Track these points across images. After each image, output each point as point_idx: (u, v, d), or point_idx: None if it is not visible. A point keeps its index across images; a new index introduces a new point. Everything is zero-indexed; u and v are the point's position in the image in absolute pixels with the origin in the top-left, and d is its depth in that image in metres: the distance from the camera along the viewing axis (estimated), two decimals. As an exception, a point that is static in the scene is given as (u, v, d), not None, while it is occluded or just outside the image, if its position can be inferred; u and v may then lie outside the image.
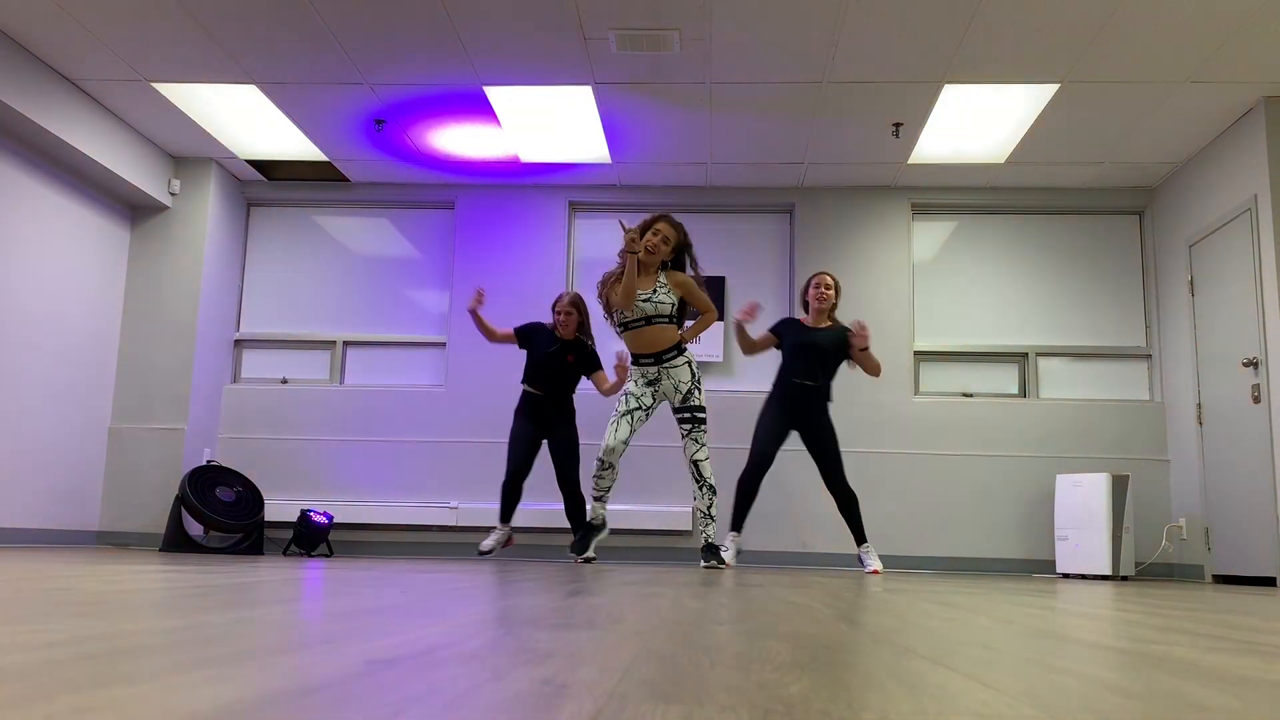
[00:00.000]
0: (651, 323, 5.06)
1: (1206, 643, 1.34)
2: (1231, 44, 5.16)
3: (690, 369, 5.14)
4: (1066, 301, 7.12)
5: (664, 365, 5.12)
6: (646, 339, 5.09)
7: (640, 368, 5.16)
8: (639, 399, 5.13)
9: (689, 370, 5.14)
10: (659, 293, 5.08)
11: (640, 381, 5.15)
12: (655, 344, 5.09)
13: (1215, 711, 0.72)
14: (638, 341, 5.12)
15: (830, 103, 5.95)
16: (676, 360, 5.13)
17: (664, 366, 5.12)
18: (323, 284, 7.46)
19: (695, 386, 5.13)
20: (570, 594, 2.11)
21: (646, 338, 5.09)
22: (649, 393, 5.15)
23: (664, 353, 5.11)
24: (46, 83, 5.75)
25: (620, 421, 5.07)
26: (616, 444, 5.06)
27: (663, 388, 5.15)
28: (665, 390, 5.15)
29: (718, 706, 0.67)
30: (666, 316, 5.08)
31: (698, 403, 5.12)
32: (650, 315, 5.07)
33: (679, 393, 5.12)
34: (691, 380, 5.13)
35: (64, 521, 6.44)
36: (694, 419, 5.09)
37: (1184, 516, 6.55)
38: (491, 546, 5.66)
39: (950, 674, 0.89)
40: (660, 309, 5.06)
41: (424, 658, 0.89)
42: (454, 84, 5.89)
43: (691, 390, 5.12)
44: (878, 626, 1.46)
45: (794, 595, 2.40)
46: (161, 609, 1.39)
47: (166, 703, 0.61)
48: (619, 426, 5.06)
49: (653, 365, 5.13)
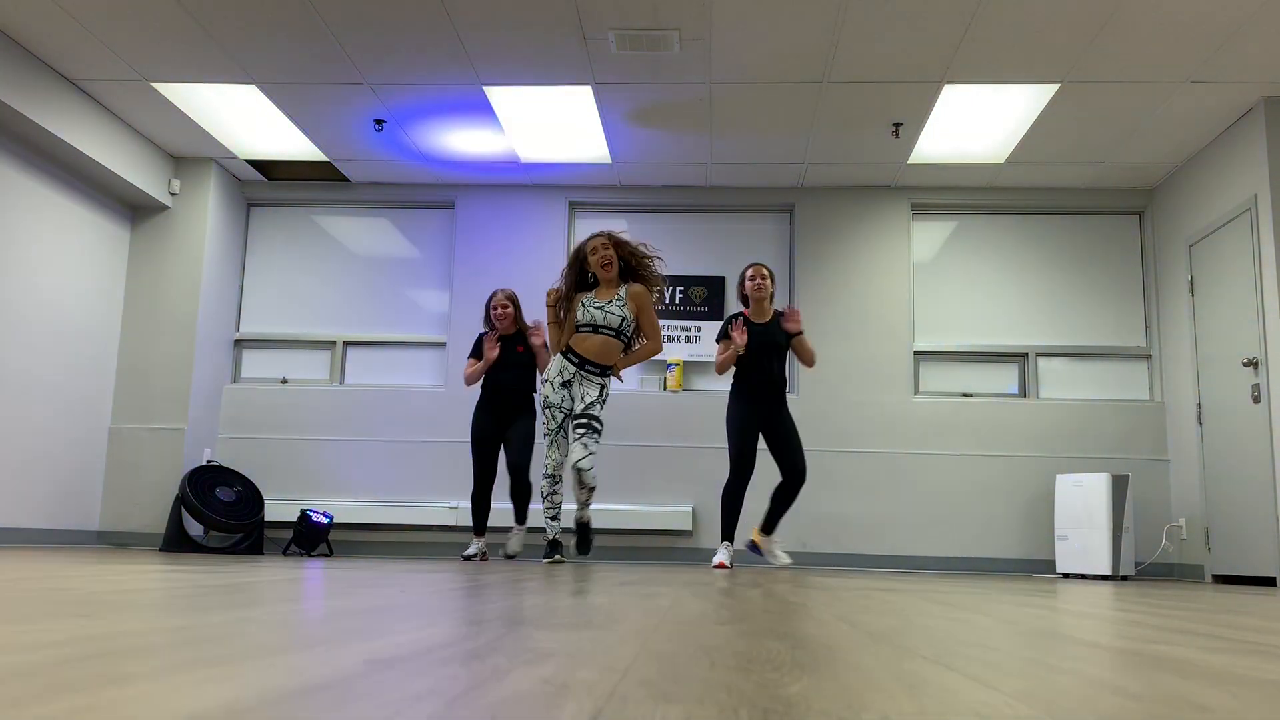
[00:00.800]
0: (598, 331, 5.14)
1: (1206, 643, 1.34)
2: (1231, 44, 5.16)
3: (602, 391, 5.18)
4: (1066, 301, 7.12)
5: (582, 373, 5.16)
6: (586, 345, 5.15)
7: (563, 361, 5.19)
8: (560, 408, 5.15)
9: (599, 390, 5.18)
10: (613, 304, 5.17)
11: (556, 382, 5.18)
12: (590, 352, 5.14)
13: (1215, 711, 0.72)
14: (578, 342, 5.18)
15: (830, 103, 5.95)
16: (594, 377, 5.17)
17: (581, 374, 5.16)
18: (323, 284, 7.46)
19: (599, 401, 5.17)
20: (570, 594, 2.11)
21: (587, 344, 5.15)
22: (565, 395, 5.17)
23: (590, 364, 5.15)
24: (46, 83, 5.75)
25: (557, 440, 5.13)
26: (559, 459, 5.13)
27: (572, 390, 5.19)
28: (574, 394, 5.18)
29: (718, 706, 0.67)
30: (614, 330, 5.16)
31: (598, 414, 5.15)
32: (598, 324, 5.15)
33: (583, 401, 5.14)
34: (598, 397, 5.16)
35: (64, 521, 6.44)
36: (589, 426, 5.10)
37: (1184, 516, 6.55)
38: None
39: (950, 674, 0.89)
40: (609, 320, 5.14)
41: (424, 658, 0.89)
42: (454, 84, 5.89)
43: (594, 404, 5.15)
44: (878, 626, 1.46)
45: (794, 595, 2.40)
46: (161, 609, 1.39)
47: (166, 703, 0.61)
48: (558, 444, 5.13)
49: (575, 366, 5.17)
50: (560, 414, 5.16)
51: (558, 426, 5.16)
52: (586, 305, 5.21)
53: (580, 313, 5.21)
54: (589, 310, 5.18)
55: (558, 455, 5.16)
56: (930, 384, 7.10)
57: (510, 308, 5.80)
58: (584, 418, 5.12)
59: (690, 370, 7.15)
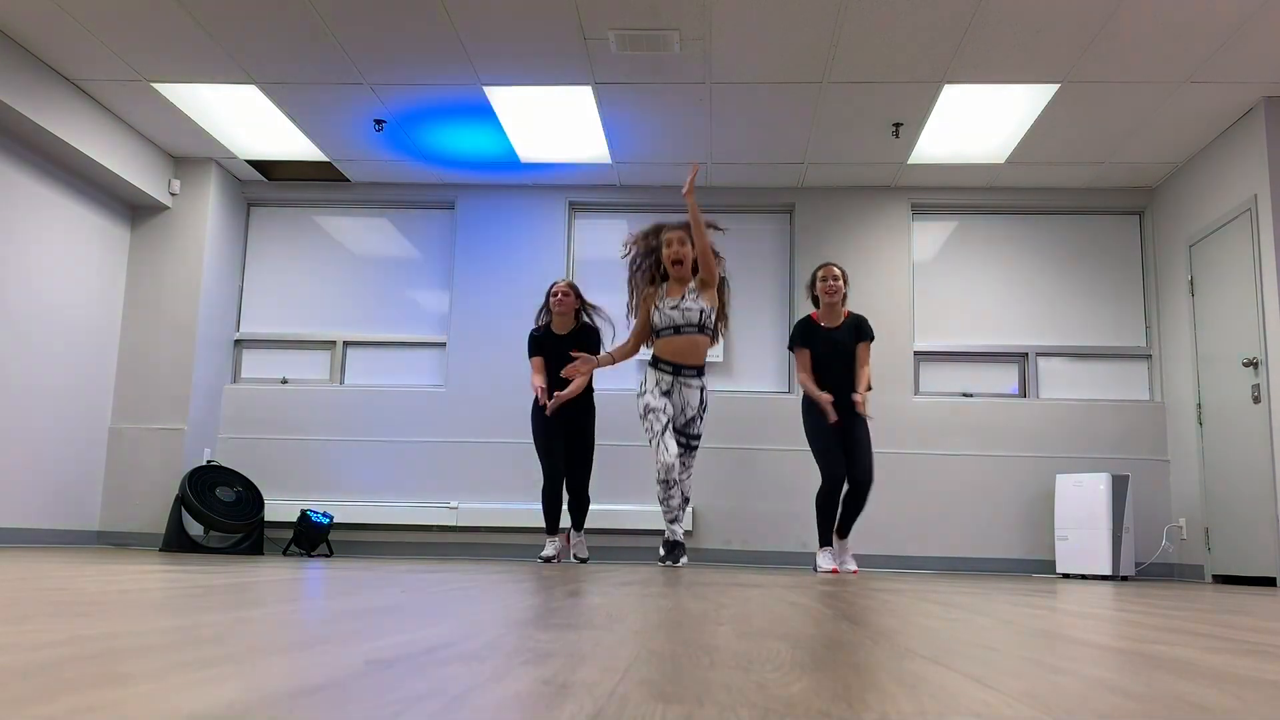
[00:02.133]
0: (680, 332, 5.00)
1: (1206, 643, 1.34)
2: (1231, 44, 5.16)
3: (701, 395, 5.07)
4: (1066, 301, 7.12)
5: (680, 379, 5.03)
6: (674, 347, 5.02)
7: (657, 372, 5.05)
8: (664, 411, 4.96)
9: (700, 396, 5.07)
10: (687, 299, 5.01)
11: (657, 392, 5.02)
12: (681, 354, 5.01)
13: (1215, 711, 0.72)
14: (665, 349, 5.05)
15: (830, 103, 5.95)
16: (693, 381, 5.05)
17: (679, 380, 5.03)
18: (323, 284, 7.46)
19: (700, 414, 5.08)
20: (570, 594, 2.11)
21: (674, 346, 5.02)
22: (667, 402, 5.01)
23: (685, 368, 5.03)
24: (46, 83, 5.75)
25: (664, 440, 4.87)
26: (672, 460, 4.84)
27: (671, 399, 5.04)
28: (673, 404, 5.04)
29: (718, 706, 0.67)
30: (696, 325, 5.00)
31: (697, 431, 5.08)
32: (679, 324, 5.00)
33: (684, 415, 5.04)
34: (699, 407, 5.06)
35: (64, 521, 6.44)
36: (689, 446, 5.07)
37: (1184, 516, 6.55)
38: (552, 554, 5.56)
39: (950, 674, 0.89)
40: (689, 316, 4.98)
41: (424, 658, 0.89)
42: (454, 84, 5.89)
43: (695, 418, 5.06)
44: (878, 626, 1.46)
45: (794, 595, 2.40)
46: (161, 609, 1.39)
47: (166, 703, 0.61)
48: (666, 443, 4.85)
49: (670, 375, 5.03)
50: (665, 416, 4.93)
51: (663, 426, 4.91)
52: (662, 308, 5.05)
53: (657, 317, 5.07)
54: (666, 313, 5.03)
55: (668, 456, 4.83)
56: (930, 384, 7.10)
57: (571, 296, 5.54)
58: (684, 435, 5.06)
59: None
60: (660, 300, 5.07)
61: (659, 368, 5.05)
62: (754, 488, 6.84)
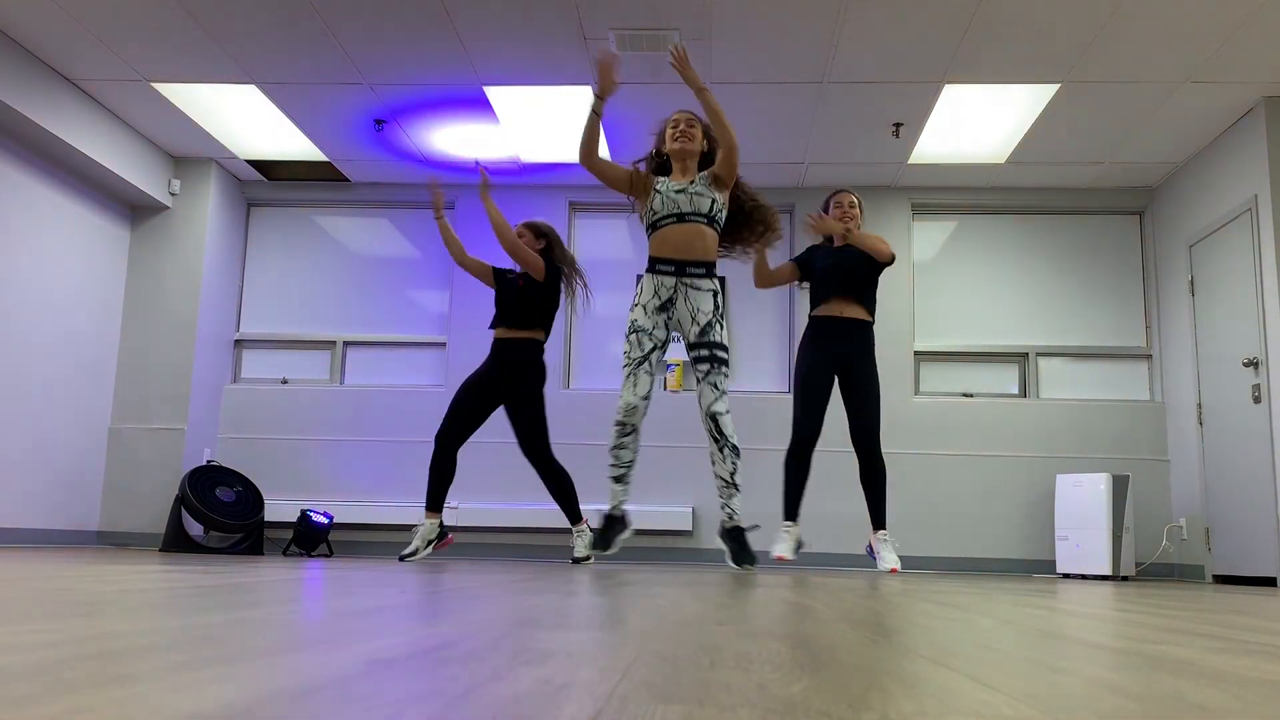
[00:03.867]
0: (685, 220, 4.13)
1: (1206, 643, 1.34)
2: (1231, 44, 5.16)
3: (715, 299, 4.17)
4: (1066, 301, 7.12)
5: (684, 281, 4.14)
6: (676, 239, 4.14)
7: (656, 277, 4.16)
8: (650, 335, 4.14)
9: (713, 299, 4.16)
10: (697, 184, 4.17)
11: (650, 305, 4.15)
12: (685, 247, 4.13)
13: (1215, 711, 0.72)
14: (664, 243, 4.17)
15: (830, 103, 5.95)
16: (702, 282, 4.15)
17: (684, 282, 4.14)
18: (323, 284, 7.47)
19: (717, 320, 4.14)
20: (570, 594, 2.11)
21: (676, 238, 4.14)
22: (660, 322, 4.17)
23: (691, 264, 4.13)
24: (46, 83, 5.75)
25: (636, 374, 4.10)
26: (638, 401, 4.08)
27: (676, 313, 4.17)
28: (679, 317, 4.17)
29: (718, 706, 0.67)
30: (705, 215, 4.14)
31: (718, 338, 4.11)
32: (684, 211, 4.13)
33: (696, 324, 4.13)
34: (714, 311, 4.15)
35: (64, 521, 6.44)
36: (714, 358, 4.09)
37: (1184, 516, 6.55)
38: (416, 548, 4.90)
39: (950, 674, 0.89)
40: (697, 204, 4.13)
41: (424, 658, 0.89)
42: (454, 84, 5.89)
43: (712, 323, 4.12)
44: (878, 626, 1.46)
45: (794, 595, 2.40)
46: (161, 609, 1.39)
47: (166, 703, 0.61)
48: (637, 379, 4.09)
49: (671, 275, 4.14)
50: (650, 342, 4.12)
51: (643, 355, 4.10)
52: (663, 191, 4.18)
53: (657, 200, 4.18)
54: (669, 196, 4.14)
55: (634, 395, 4.07)
56: (930, 384, 7.10)
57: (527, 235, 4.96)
58: (702, 347, 4.10)
59: (691, 370, 7.15)
60: (662, 183, 4.22)
61: (657, 271, 4.17)
62: (754, 488, 6.83)
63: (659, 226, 4.18)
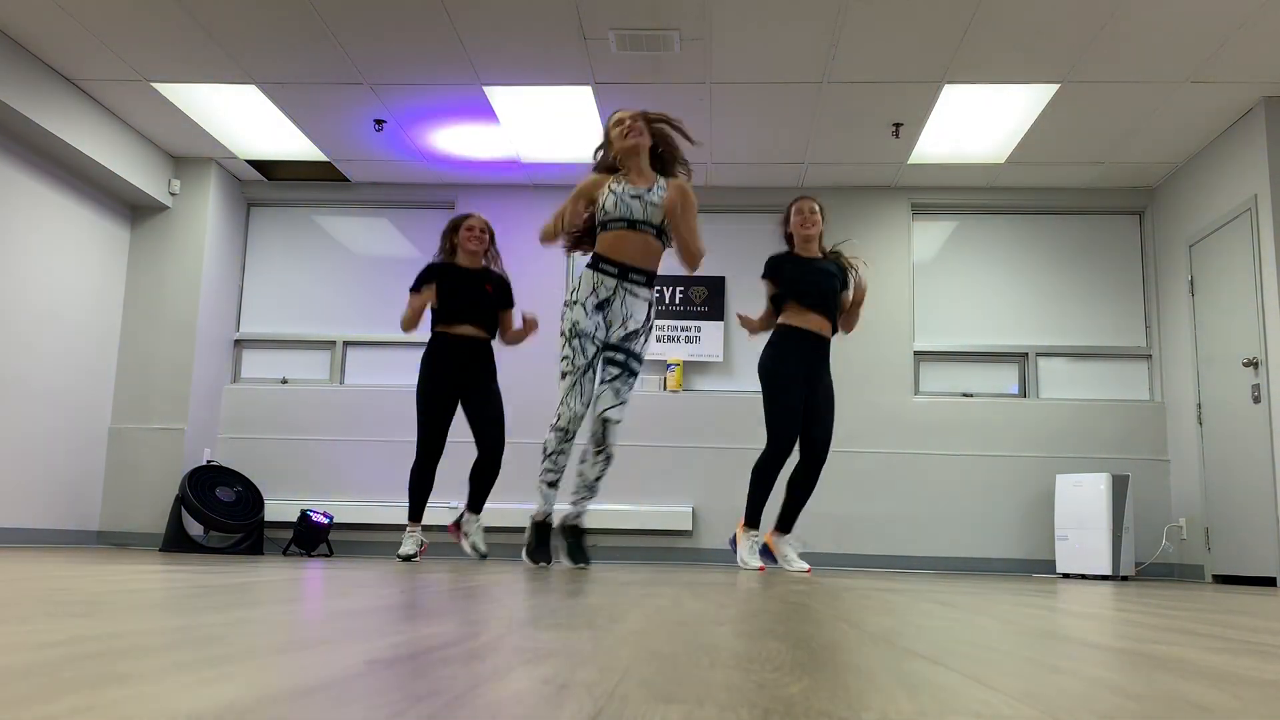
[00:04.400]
0: (636, 228, 4.08)
1: (1206, 643, 1.34)
2: (1231, 44, 5.16)
3: (650, 309, 4.17)
4: (1066, 301, 7.12)
5: (625, 285, 4.10)
6: (623, 245, 4.09)
7: (598, 275, 4.09)
8: (592, 339, 4.07)
9: (648, 309, 4.15)
10: (654, 192, 4.11)
11: (589, 304, 4.08)
12: (632, 254, 4.09)
13: (1215, 711, 0.72)
14: (612, 245, 4.10)
15: (830, 103, 5.95)
16: (641, 290, 4.12)
17: (624, 286, 4.10)
18: (323, 284, 7.47)
19: (645, 331, 4.14)
20: (570, 594, 2.11)
21: (624, 244, 4.09)
22: (599, 322, 4.10)
23: (634, 270, 4.10)
24: (46, 83, 5.76)
25: (581, 383, 4.05)
26: (580, 411, 4.03)
27: (611, 312, 4.11)
28: (611, 317, 4.11)
29: (718, 706, 0.67)
30: (655, 227, 4.11)
31: (639, 350, 4.11)
32: (636, 219, 4.06)
33: (624, 328, 4.09)
34: (645, 322, 4.14)
35: (64, 521, 6.44)
36: (628, 367, 4.08)
37: (1184, 516, 6.55)
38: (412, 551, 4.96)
39: (950, 674, 0.89)
40: (650, 214, 4.08)
41: (424, 658, 0.89)
42: (454, 84, 5.89)
43: (639, 333, 4.11)
44: (878, 626, 1.46)
45: (794, 595, 2.40)
46: (161, 609, 1.39)
47: (166, 703, 0.61)
48: (581, 388, 4.05)
49: (614, 278, 4.08)
50: (593, 346, 4.06)
51: (586, 363, 4.04)
52: (618, 192, 4.07)
53: (610, 201, 4.07)
54: (624, 200, 4.04)
55: (579, 404, 4.02)
56: (930, 384, 7.10)
57: (486, 235, 4.97)
58: (622, 352, 4.07)
59: (690, 370, 7.15)
60: (616, 183, 4.12)
61: (601, 269, 4.08)
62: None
63: (608, 227, 4.12)
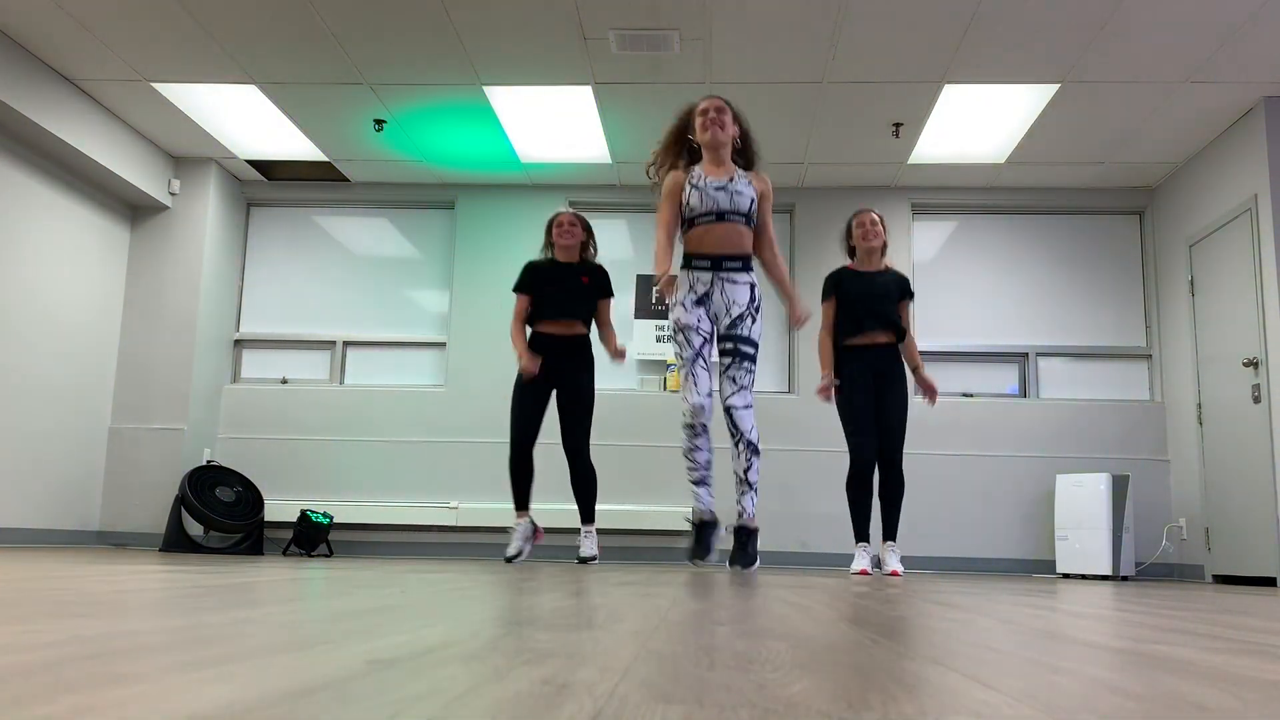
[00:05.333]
0: (724, 219, 4.05)
1: (1206, 643, 1.34)
2: (1231, 44, 5.16)
3: (753, 291, 4.11)
4: (1066, 301, 7.12)
5: (721, 275, 4.06)
6: (714, 237, 4.06)
7: (692, 272, 4.08)
8: (697, 330, 4.03)
9: (750, 292, 4.10)
10: (737, 181, 4.10)
11: (689, 301, 4.06)
12: (722, 244, 4.06)
13: (1215, 711, 0.72)
14: (701, 240, 4.08)
15: (830, 103, 5.95)
16: (739, 275, 4.09)
17: (720, 276, 4.06)
18: (323, 284, 7.47)
19: (750, 313, 4.07)
20: (570, 594, 2.11)
21: (714, 236, 4.06)
22: (702, 314, 4.06)
23: (727, 258, 4.06)
24: (46, 83, 5.76)
25: (694, 372, 3.99)
26: (703, 400, 3.96)
27: (713, 305, 4.08)
28: (715, 309, 4.09)
29: (718, 706, 0.67)
30: (744, 215, 4.08)
31: (747, 333, 4.03)
32: (724, 210, 4.03)
33: (729, 314, 4.05)
34: (749, 304, 4.08)
35: (64, 521, 6.44)
36: (738, 351, 4.01)
37: (1184, 516, 6.55)
38: (519, 549, 4.80)
39: (950, 674, 0.89)
40: (738, 202, 4.05)
41: (424, 658, 0.89)
42: (454, 84, 5.89)
43: (744, 315, 4.05)
44: (877, 626, 1.46)
45: (794, 595, 2.40)
46: (161, 609, 1.39)
47: (166, 703, 0.61)
48: (696, 378, 3.98)
49: (708, 270, 4.06)
50: (699, 336, 4.01)
51: (694, 352, 3.99)
52: (702, 186, 4.05)
53: (694, 196, 4.04)
54: (709, 193, 4.03)
55: (695, 395, 3.94)
56: (930, 384, 7.10)
57: (578, 227, 4.96)
58: (730, 340, 4.03)
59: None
60: (698, 178, 4.09)
61: (693, 267, 4.08)
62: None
63: (696, 223, 4.09)
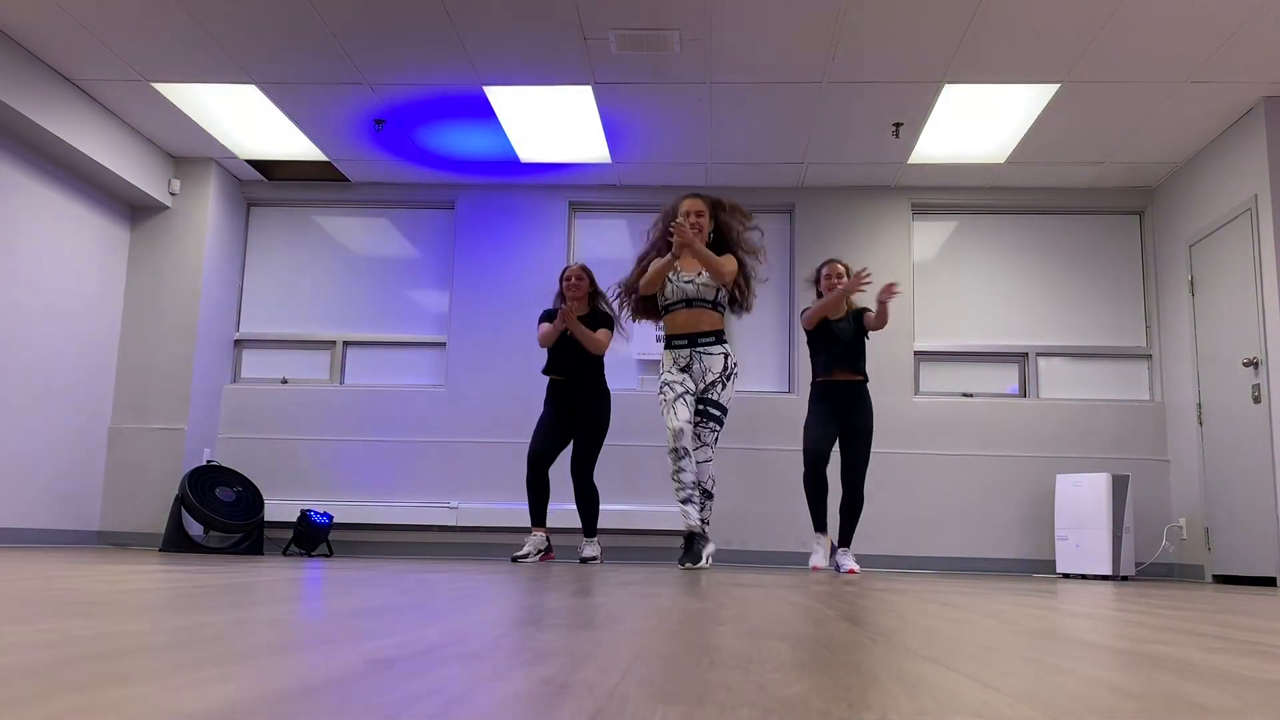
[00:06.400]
0: (692, 305, 4.78)
1: (1206, 643, 1.34)
2: (1231, 44, 5.16)
3: (726, 361, 4.77)
4: (1066, 301, 7.12)
5: (698, 350, 4.77)
6: (683, 320, 4.80)
7: (673, 351, 4.81)
8: (681, 384, 4.73)
9: (723, 361, 4.76)
10: (705, 274, 4.78)
11: (673, 368, 4.78)
12: (692, 324, 4.78)
13: (1215, 711, 0.72)
14: (676, 324, 4.83)
15: (830, 103, 5.95)
16: (713, 347, 4.77)
17: (697, 350, 4.77)
18: (323, 284, 7.47)
19: (724, 380, 4.74)
20: (570, 594, 2.11)
21: (683, 319, 4.80)
22: (685, 378, 4.76)
23: (700, 335, 4.78)
24: (46, 83, 5.75)
25: (676, 404, 4.66)
26: (681, 424, 4.60)
27: (693, 373, 4.77)
28: (694, 375, 4.77)
29: (718, 706, 0.67)
30: (709, 302, 4.79)
31: (717, 397, 4.71)
32: (691, 298, 4.78)
33: (704, 380, 4.74)
34: (722, 372, 4.75)
35: (64, 521, 6.44)
36: (708, 414, 4.70)
37: (1184, 516, 6.55)
38: (527, 552, 5.27)
39: (950, 674, 0.89)
40: (703, 293, 4.77)
41: (424, 658, 0.89)
42: (454, 84, 5.89)
43: (717, 382, 4.73)
44: (878, 626, 1.46)
45: (794, 595, 2.40)
46: (161, 609, 1.39)
47: (166, 703, 0.61)
48: (676, 408, 4.64)
49: (685, 348, 4.78)
50: (679, 388, 4.69)
51: (675, 395, 4.67)
52: (675, 281, 4.82)
53: (669, 289, 4.83)
54: (679, 285, 4.79)
55: (674, 419, 4.60)
56: (930, 384, 7.10)
57: (585, 280, 5.47)
58: (703, 403, 4.71)
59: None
60: (674, 272, 4.84)
61: (673, 346, 4.82)
62: (755, 488, 6.84)
63: (669, 310, 4.85)
